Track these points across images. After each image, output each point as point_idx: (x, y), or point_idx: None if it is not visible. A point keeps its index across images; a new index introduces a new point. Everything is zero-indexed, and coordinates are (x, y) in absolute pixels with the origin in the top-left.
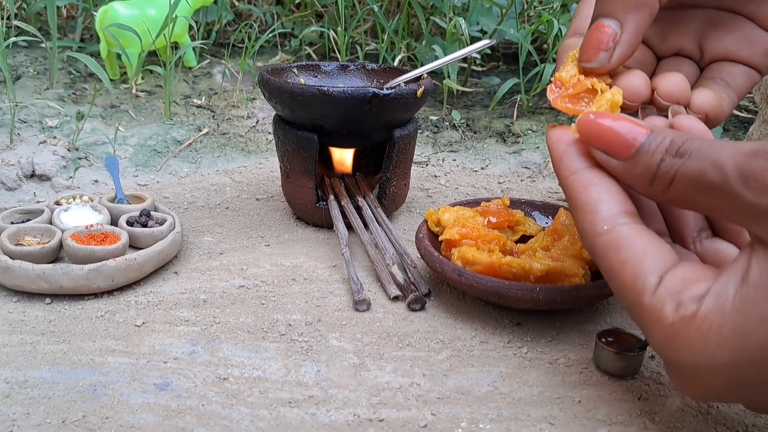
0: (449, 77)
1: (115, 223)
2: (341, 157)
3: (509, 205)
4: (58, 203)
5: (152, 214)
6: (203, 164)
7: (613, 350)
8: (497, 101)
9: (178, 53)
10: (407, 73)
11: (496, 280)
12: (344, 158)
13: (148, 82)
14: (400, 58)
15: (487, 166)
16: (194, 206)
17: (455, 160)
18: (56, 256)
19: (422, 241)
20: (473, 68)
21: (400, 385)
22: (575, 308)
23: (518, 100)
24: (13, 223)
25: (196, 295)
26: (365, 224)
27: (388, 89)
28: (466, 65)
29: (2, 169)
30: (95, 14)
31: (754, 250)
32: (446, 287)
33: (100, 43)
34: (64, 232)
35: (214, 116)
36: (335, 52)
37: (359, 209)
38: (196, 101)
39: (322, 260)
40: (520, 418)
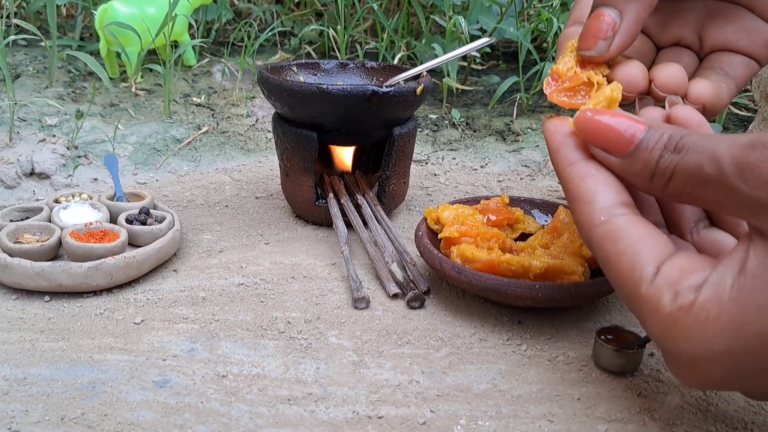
0: (449, 76)
1: (114, 221)
2: (341, 155)
3: (508, 203)
4: (57, 201)
5: (151, 212)
6: (203, 162)
7: (612, 347)
8: (497, 100)
9: (177, 52)
10: (407, 71)
11: (495, 277)
12: (344, 156)
13: (147, 80)
14: (399, 56)
15: (486, 164)
16: (193, 204)
17: (455, 158)
18: (55, 253)
19: (421, 239)
20: (473, 67)
21: (399, 382)
22: (574, 306)
23: (518, 98)
24: (12, 220)
25: (195, 292)
26: (365, 222)
27: (387, 87)
28: (465, 64)
29: (2, 167)
30: (95, 13)
31: (752, 240)
32: (445, 285)
33: (99, 41)
34: (63, 229)
35: (213, 115)
36: (335, 50)
37: (359, 207)
38: (195, 100)
39: (321, 258)
40: (519, 415)
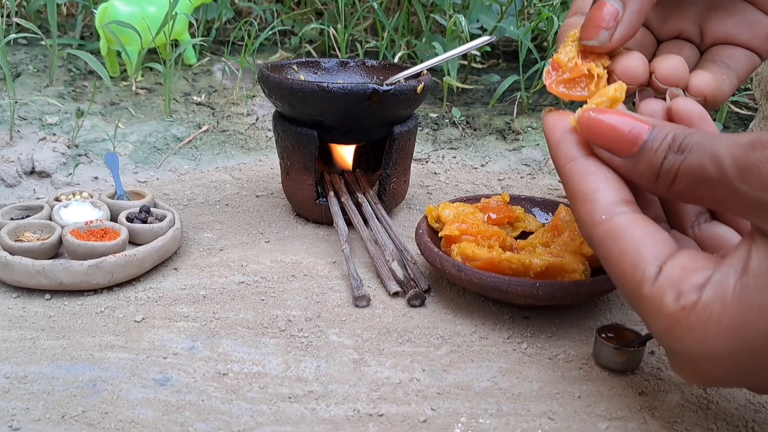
0: (449, 74)
1: (114, 219)
2: (341, 153)
3: (509, 201)
4: (57, 199)
5: (152, 210)
6: (203, 161)
7: (612, 346)
8: (497, 98)
9: (178, 50)
10: (407, 69)
11: (495, 275)
12: (344, 155)
13: (148, 79)
14: (400, 55)
15: (487, 163)
16: (194, 203)
17: (455, 157)
18: (56, 252)
19: (422, 237)
20: (473, 66)
21: (399, 380)
22: (575, 304)
23: (518, 97)
24: (12, 219)
25: (195, 291)
26: (365, 221)
27: (387, 85)
28: (466, 63)
29: (2, 165)
30: (95, 12)
31: (754, 240)
32: (446, 283)
33: (100, 40)
34: (63, 228)
35: (213, 113)
36: (335, 49)
37: (359, 206)
38: (195, 98)
39: (321, 256)
40: (519, 413)
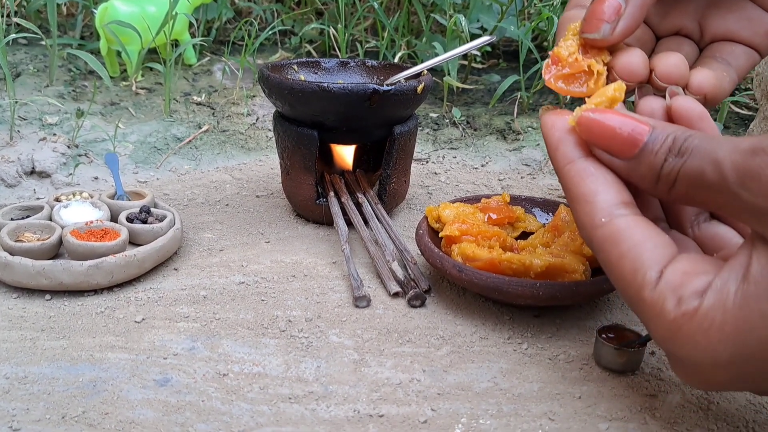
0: (449, 74)
1: (114, 219)
2: (341, 153)
3: (509, 201)
4: (57, 200)
5: (152, 210)
6: (203, 161)
7: (613, 346)
8: (497, 98)
9: (178, 50)
10: (407, 69)
11: (496, 276)
12: (344, 155)
13: (148, 79)
14: (400, 55)
15: (487, 163)
16: (194, 203)
17: (455, 157)
18: (56, 252)
19: (422, 237)
20: (473, 66)
21: (400, 380)
22: (575, 304)
23: (518, 97)
24: (13, 219)
25: (196, 291)
26: (365, 221)
27: (388, 86)
28: (466, 63)
29: (2, 165)
30: (95, 11)
31: (754, 246)
32: (446, 283)
33: (100, 40)
34: (63, 228)
35: (214, 113)
36: (335, 49)
37: (359, 206)
38: (196, 98)
39: (322, 257)
40: (520, 413)
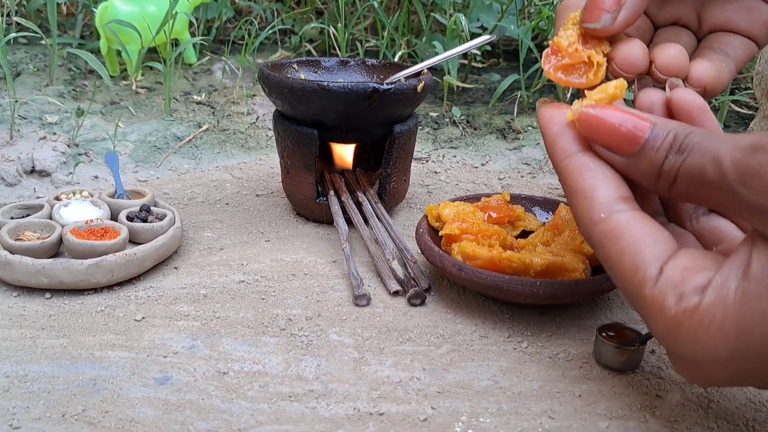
0: (449, 74)
1: (115, 218)
2: (341, 152)
3: (509, 200)
4: (58, 198)
5: (152, 209)
6: (203, 160)
7: (613, 345)
8: (497, 98)
9: (178, 50)
10: (407, 68)
11: (496, 274)
12: (344, 154)
13: (148, 78)
14: (400, 54)
15: (487, 162)
16: (194, 202)
17: (455, 156)
18: (56, 251)
19: (422, 236)
20: (473, 65)
21: (400, 379)
22: (575, 303)
23: (518, 96)
24: (13, 218)
25: (196, 290)
26: (365, 220)
27: (388, 84)
28: (466, 62)
29: (2, 164)
30: (95, 11)
31: (755, 243)
32: (446, 282)
33: (100, 39)
34: (63, 227)
35: (214, 113)
36: (335, 48)
37: (359, 205)
38: (196, 98)
39: (322, 255)
40: (520, 412)
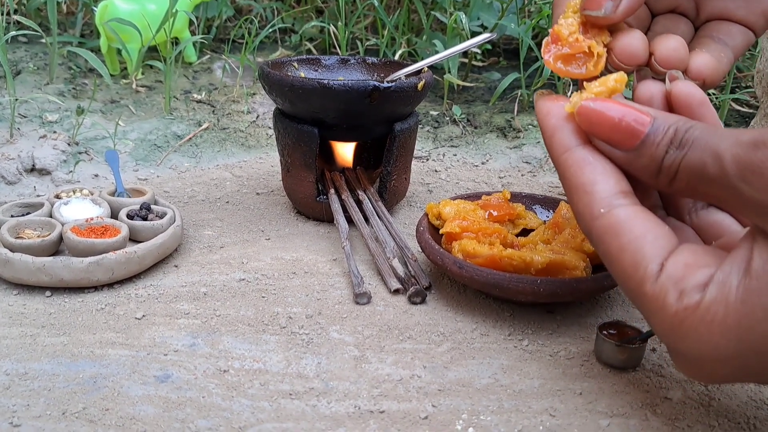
0: (450, 72)
1: (115, 216)
2: (342, 150)
3: (510, 198)
4: (58, 197)
5: (152, 207)
6: (203, 159)
7: (614, 342)
8: (498, 96)
9: (178, 48)
10: (408, 66)
11: (496, 272)
12: (345, 152)
13: (148, 77)
14: (400, 53)
15: (487, 160)
16: (194, 200)
17: (456, 155)
18: (56, 249)
19: (423, 234)
20: (474, 63)
21: (400, 377)
22: (576, 301)
23: (519, 95)
24: (13, 216)
25: (196, 288)
26: (366, 218)
27: (388, 82)
28: (466, 60)
29: (2, 163)
30: (95, 9)
31: (755, 240)
32: (447, 280)
33: (100, 38)
34: (64, 225)
35: (214, 111)
36: (335, 47)
37: (360, 203)
38: (196, 96)
39: (322, 254)
40: (521, 410)
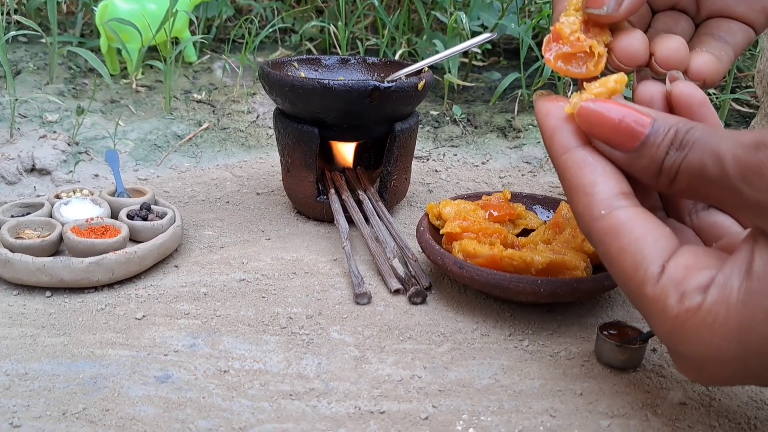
0: (450, 72)
1: (115, 216)
2: (342, 150)
3: (510, 198)
4: (58, 197)
5: (152, 207)
6: (203, 159)
7: (614, 343)
8: (498, 96)
9: (178, 48)
10: (408, 66)
11: (497, 272)
12: (345, 152)
13: (148, 77)
14: (400, 53)
15: (488, 160)
16: (195, 200)
17: (456, 154)
18: (56, 249)
19: (423, 234)
20: (474, 63)
21: (401, 377)
22: (576, 301)
23: (519, 95)
24: (13, 216)
25: (196, 288)
26: (366, 218)
27: (389, 82)
28: (466, 60)
29: (2, 163)
30: (95, 9)
31: (756, 241)
32: (447, 280)
33: (100, 38)
34: (64, 225)
35: (214, 111)
36: (336, 47)
37: (360, 203)
38: (196, 96)
39: (322, 254)
40: (521, 410)
